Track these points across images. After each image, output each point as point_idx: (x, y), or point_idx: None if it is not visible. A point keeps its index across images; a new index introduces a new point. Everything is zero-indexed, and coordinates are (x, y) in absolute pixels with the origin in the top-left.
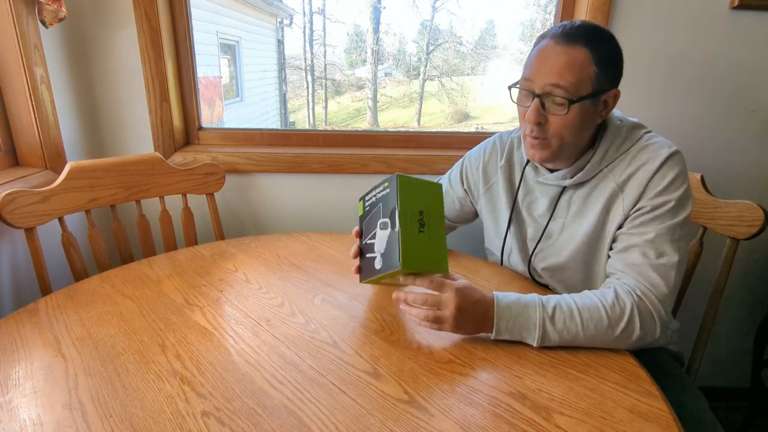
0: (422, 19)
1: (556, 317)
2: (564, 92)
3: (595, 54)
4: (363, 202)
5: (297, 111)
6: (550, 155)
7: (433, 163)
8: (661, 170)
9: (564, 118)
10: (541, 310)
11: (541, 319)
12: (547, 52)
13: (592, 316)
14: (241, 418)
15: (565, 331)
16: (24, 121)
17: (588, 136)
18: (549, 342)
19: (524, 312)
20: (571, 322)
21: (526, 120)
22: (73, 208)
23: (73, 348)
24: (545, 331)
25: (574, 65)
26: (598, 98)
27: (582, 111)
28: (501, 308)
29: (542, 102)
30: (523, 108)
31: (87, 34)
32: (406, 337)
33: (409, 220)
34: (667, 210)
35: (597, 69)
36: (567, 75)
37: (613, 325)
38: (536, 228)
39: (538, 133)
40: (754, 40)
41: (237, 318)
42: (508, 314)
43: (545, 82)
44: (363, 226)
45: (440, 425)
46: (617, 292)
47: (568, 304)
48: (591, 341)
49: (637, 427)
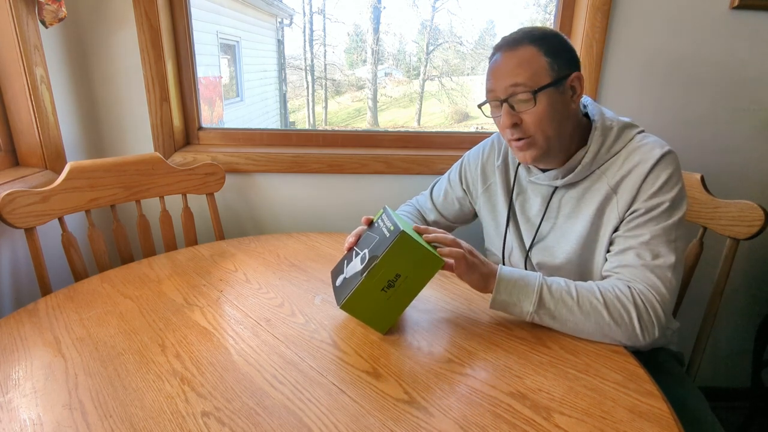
0: (422, 19)
1: (553, 288)
2: (524, 87)
3: (540, 47)
4: (382, 212)
5: (297, 111)
6: (539, 152)
7: (433, 163)
8: (654, 171)
9: (535, 111)
10: (541, 279)
11: (539, 285)
12: (498, 62)
13: (588, 296)
14: (241, 418)
15: (561, 303)
16: (24, 121)
17: (570, 127)
18: (545, 310)
19: (524, 278)
20: (568, 296)
21: (503, 126)
22: (73, 208)
23: (73, 348)
24: (542, 297)
25: (524, 62)
26: (561, 85)
27: (550, 100)
28: (503, 272)
29: (510, 105)
30: (498, 118)
31: (87, 34)
32: (406, 337)
33: (380, 277)
34: (661, 211)
35: (548, 58)
36: (521, 72)
37: (609, 307)
38: (530, 228)
39: (518, 134)
40: (754, 40)
41: (237, 318)
42: (509, 277)
43: (505, 85)
44: (365, 232)
45: (440, 425)
46: (616, 284)
47: (566, 283)
48: (586, 320)
49: (637, 427)
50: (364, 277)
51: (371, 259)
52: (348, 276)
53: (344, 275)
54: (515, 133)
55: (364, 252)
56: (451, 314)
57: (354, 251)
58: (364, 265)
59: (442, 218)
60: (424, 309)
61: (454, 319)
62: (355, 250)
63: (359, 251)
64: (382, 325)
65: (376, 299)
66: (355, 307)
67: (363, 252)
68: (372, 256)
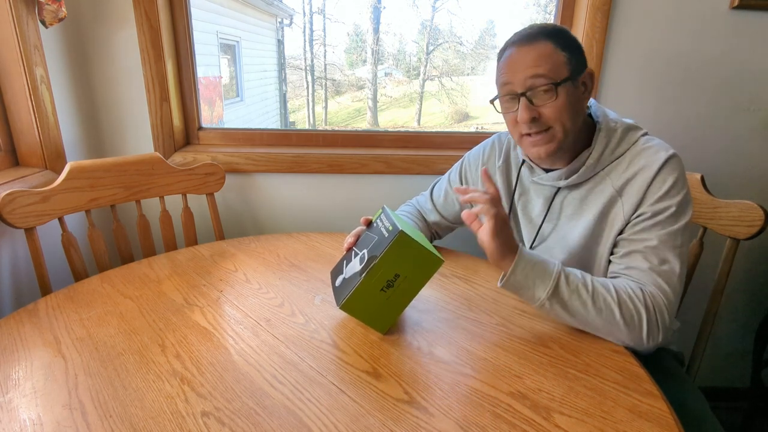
0: (422, 19)
1: (570, 278)
2: (546, 79)
3: (557, 42)
4: (381, 212)
5: (297, 111)
6: (557, 146)
7: (433, 163)
8: (660, 174)
9: (555, 104)
10: (560, 267)
11: (557, 273)
12: (514, 56)
13: (604, 292)
14: (241, 418)
15: (575, 295)
16: (24, 121)
17: (581, 122)
18: (557, 300)
19: (544, 263)
20: (584, 288)
21: (519, 121)
22: (73, 208)
23: (73, 348)
24: (558, 285)
25: (544, 55)
26: (577, 80)
27: (568, 94)
28: (524, 252)
29: (529, 99)
30: (512, 114)
31: (87, 34)
32: (406, 337)
33: (379, 277)
34: (668, 216)
35: (566, 53)
36: (542, 63)
37: (622, 307)
38: (531, 228)
39: (537, 128)
40: (754, 40)
41: (237, 318)
42: (528, 258)
43: (525, 76)
44: (364, 233)
45: (440, 425)
46: (630, 284)
47: (583, 275)
48: (597, 317)
49: (637, 427)
50: (363, 277)
51: (370, 259)
52: (347, 276)
53: (343, 276)
54: (533, 127)
55: (363, 252)
56: (451, 314)
57: (353, 251)
58: (363, 265)
59: (443, 219)
60: (424, 309)
61: (454, 319)
62: (354, 250)
63: (358, 251)
64: (382, 325)
65: (375, 299)
66: (354, 308)
67: (362, 252)
68: (371, 257)
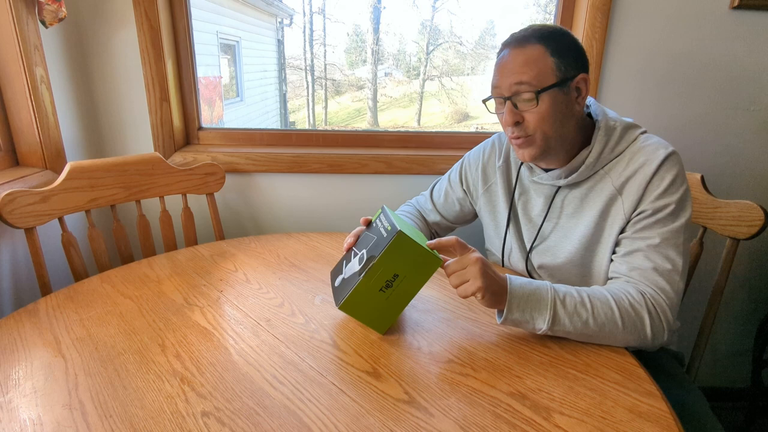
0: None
1: (566, 301)
2: (528, 86)
3: (548, 47)
4: (380, 212)
5: (297, 111)
6: (538, 151)
7: (433, 163)
8: (659, 172)
9: (537, 111)
10: (553, 292)
11: (552, 300)
12: (505, 59)
13: (603, 306)
14: (241, 418)
15: (575, 317)
16: (24, 121)
17: (572, 127)
18: (559, 326)
19: (536, 292)
20: (582, 308)
21: (504, 123)
22: (73, 208)
23: (73, 348)
24: (556, 312)
25: (530, 61)
26: (566, 86)
27: (553, 101)
28: (514, 286)
29: (514, 103)
30: (501, 114)
31: (87, 34)
32: (406, 337)
33: (378, 277)
34: (668, 213)
35: (556, 59)
36: (527, 70)
37: (624, 316)
38: (531, 228)
39: (518, 133)
40: (754, 40)
41: (237, 318)
42: (520, 293)
43: (510, 82)
44: (363, 233)
45: (440, 425)
46: (628, 289)
47: (578, 292)
48: (599, 331)
49: (637, 427)
50: (362, 277)
51: (369, 259)
52: (346, 276)
53: (343, 276)
54: (515, 131)
55: (362, 252)
56: (451, 314)
57: (353, 252)
58: (362, 265)
59: (443, 219)
60: (424, 309)
61: (453, 319)
62: (354, 250)
63: (357, 252)
64: (382, 325)
65: (374, 300)
66: (353, 308)
67: (361, 252)
68: (370, 257)
